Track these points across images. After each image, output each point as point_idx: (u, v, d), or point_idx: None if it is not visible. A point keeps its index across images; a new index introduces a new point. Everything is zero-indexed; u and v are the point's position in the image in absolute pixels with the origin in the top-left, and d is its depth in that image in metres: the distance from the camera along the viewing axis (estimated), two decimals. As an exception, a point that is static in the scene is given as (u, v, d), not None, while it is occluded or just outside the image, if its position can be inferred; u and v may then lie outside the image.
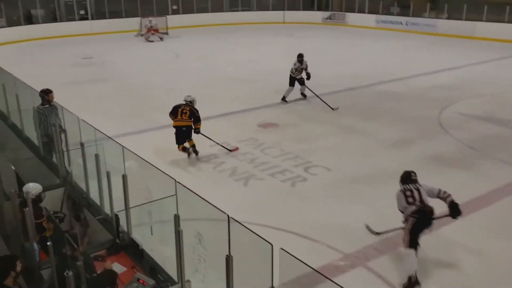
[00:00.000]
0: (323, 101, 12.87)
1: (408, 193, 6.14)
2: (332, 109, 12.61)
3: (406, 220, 6.07)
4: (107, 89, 15.31)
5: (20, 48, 24.02)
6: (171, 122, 9.77)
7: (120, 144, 5.44)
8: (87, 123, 6.28)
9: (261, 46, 23.01)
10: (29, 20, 26.94)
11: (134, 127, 11.49)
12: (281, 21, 32.11)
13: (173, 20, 28.22)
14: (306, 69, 13.47)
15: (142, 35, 25.71)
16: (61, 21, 28.09)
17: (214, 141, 10.26)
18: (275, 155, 9.78)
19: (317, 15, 31.44)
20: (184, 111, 9.76)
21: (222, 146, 10.19)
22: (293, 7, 33.43)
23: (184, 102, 9.94)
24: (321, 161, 9.38)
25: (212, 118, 11.89)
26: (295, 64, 13.38)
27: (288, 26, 31.06)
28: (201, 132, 9.88)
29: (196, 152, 9.88)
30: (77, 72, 18.09)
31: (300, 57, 13.38)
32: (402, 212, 6.19)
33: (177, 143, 9.81)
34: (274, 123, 11.82)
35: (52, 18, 28.01)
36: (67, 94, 13.32)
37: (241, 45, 23.39)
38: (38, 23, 27.19)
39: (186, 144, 9.82)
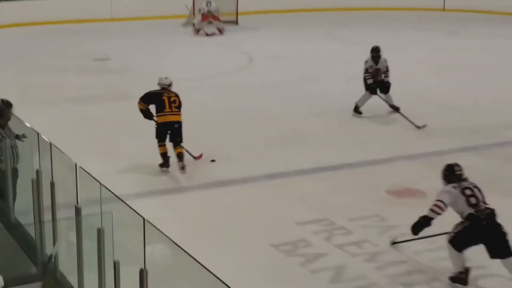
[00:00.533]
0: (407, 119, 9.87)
1: (468, 191, 5.58)
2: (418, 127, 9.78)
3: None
4: (128, 112, 9.69)
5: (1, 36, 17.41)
6: (237, 174, 7.80)
7: (140, 215, 3.88)
8: (90, 175, 4.75)
9: (396, 50, 13.77)
10: None
11: (167, 182, 7.82)
12: (439, 7, 22.06)
13: (245, 1, 19.80)
14: (385, 72, 10.28)
15: (193, 24, 18.57)
16: None
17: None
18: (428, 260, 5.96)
19: (502, 1, 20.58)
20: (172, 99, 8.03)
21: (187, 151, 8.23)
22: None
23: (162, 87, 8.15)
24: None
25: (306, 173, 8.08)
26: (366, 63, 10.34)
27: (450, 16, 21.15)
28: None
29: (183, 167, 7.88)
30: (84, 81, 12.73)
31: (375, 51, 10.24)
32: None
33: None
34: (417, 189, 7.38)
35: None
36: (62, 117, 9.62)
37: (358, 45, 14.07)
38: None
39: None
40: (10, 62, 14.36)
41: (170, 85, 8.27)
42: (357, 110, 10.46)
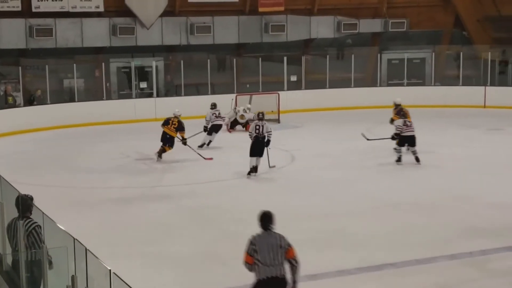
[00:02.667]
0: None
1: None
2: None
3: None
4: (170, 213, 9.94)
5: (39, 140, 17.20)
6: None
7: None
8: (125, 283, 4.18)
9: (440, 147, 15.12)
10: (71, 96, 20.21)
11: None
12: (480, 104, 22.20)
13: (289, 98, 20.50)
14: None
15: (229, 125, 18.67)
16: (108, 98, 20.52)
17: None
18: None
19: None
20: (173, 122, 14.26)
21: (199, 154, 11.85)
22: (503, 81, 22.94)
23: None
24: None
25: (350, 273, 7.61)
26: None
27: (492, 112, 21.09)
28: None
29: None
30: (126, 182, 12.63)
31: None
32: None
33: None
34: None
35: (93, 94, 20.66)
36: (103, 219, 9.37)
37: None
38: (75, 100, 19.74)
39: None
40: (54, 164, 14.38)
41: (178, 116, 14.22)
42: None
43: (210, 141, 15.97)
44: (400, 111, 14.37)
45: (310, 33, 22.57)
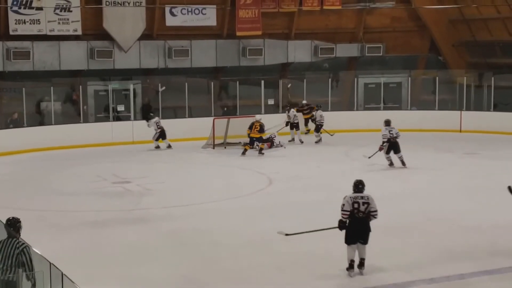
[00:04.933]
0: None
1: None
2: None
3: None
4: (146, 236, 9.92)
5: (16, 162, 17.05)
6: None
7: None
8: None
9: (414, 169, 15.56)
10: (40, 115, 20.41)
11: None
12: (456, 128, 22.21)
13: (266, 121, 18.97)
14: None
15: (214, 146, 19.18)
16: (86, 121, 20.48)
17: None
18: None
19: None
20: (256, 125, 17.82)
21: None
22: (478, 106, 23.08)
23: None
24: None
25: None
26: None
27: (468, 136, 21.33)
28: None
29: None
30: (101, 205, 12.52)
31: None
32: None
33: None
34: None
35: (70, 117, 20.47)
36: (78, 242, 9.22)
37: (375, 165, 15.60)
38: (48, 123, 19.60)
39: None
40: (30, 187, 14.24)
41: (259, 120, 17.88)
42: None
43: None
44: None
45: (288, 57, 22.79)
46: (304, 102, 21.51)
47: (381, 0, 22.96)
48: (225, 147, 19.12)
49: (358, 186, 8.55)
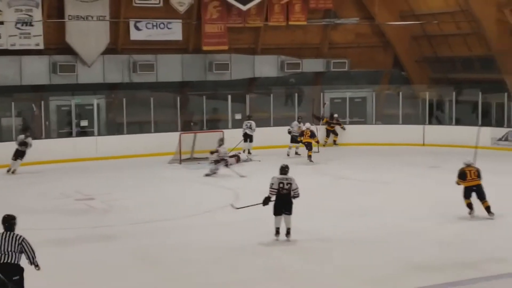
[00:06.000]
0: None
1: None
2: None
3: None
4: (112, 255, 9.74)
5: None
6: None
7: None
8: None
9: (380, 183, 15.88)
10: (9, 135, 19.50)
11: None
12: (419, 142, 22.40)
13: (233, 136, 19.53)
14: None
15: (181, 161, 19.00)
16: (48, 137, 20.14)
17: None
18: None
19: (483, 135, 19.68)
20: (307, 133, 19.08)
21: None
22: (441, 119, 23.88)
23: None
24: None
25: None
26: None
27: (431, 150, 21.68)
28: None
29: None
30: (65, 223, 12.32)
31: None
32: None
33: None
34: None
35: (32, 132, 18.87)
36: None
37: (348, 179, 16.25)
38: (8, 139, 18.87)
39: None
40: None
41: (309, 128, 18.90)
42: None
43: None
44: None
45: (254, 71, 22.91)
46: (336, 115, 22.31)
47: (346, 16, 23.32)
48: (198, 163, 18.78)
49: (285, 169, 10.77)
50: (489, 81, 22.43)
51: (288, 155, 19.70)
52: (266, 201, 10.75)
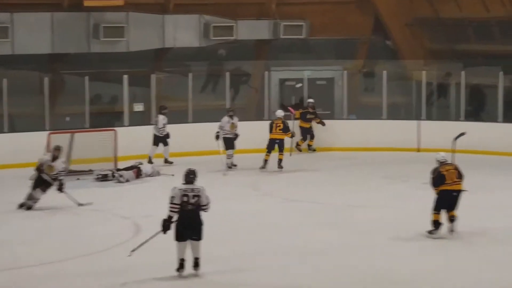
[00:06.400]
0: None
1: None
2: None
3: None
4: None
5: None
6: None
7: None
8: None
9: (345, 211, 16.70)
10: None
11: None
12: (413, 146, 23.51)
13: (132, 137, 21.15)
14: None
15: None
16: None
17: None
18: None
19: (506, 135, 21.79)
20: (278, 124, 19.87)
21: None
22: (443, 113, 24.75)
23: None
24: None
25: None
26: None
27: (428, 158, 20.29)
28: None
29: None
30: None
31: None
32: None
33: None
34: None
35: None
36: None
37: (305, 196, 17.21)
38: None
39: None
40: None
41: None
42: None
43: None
44: None
45: (164, 40, 22.77)
46: (311, 100, 22.58)
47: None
48: (78, 178, 18.94)
49: (189, 176, 10.90)
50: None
51: (262, 167, 20.07)
52: (166, 225, 10.89)
